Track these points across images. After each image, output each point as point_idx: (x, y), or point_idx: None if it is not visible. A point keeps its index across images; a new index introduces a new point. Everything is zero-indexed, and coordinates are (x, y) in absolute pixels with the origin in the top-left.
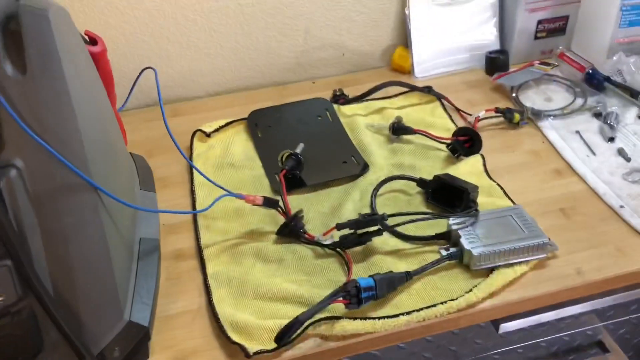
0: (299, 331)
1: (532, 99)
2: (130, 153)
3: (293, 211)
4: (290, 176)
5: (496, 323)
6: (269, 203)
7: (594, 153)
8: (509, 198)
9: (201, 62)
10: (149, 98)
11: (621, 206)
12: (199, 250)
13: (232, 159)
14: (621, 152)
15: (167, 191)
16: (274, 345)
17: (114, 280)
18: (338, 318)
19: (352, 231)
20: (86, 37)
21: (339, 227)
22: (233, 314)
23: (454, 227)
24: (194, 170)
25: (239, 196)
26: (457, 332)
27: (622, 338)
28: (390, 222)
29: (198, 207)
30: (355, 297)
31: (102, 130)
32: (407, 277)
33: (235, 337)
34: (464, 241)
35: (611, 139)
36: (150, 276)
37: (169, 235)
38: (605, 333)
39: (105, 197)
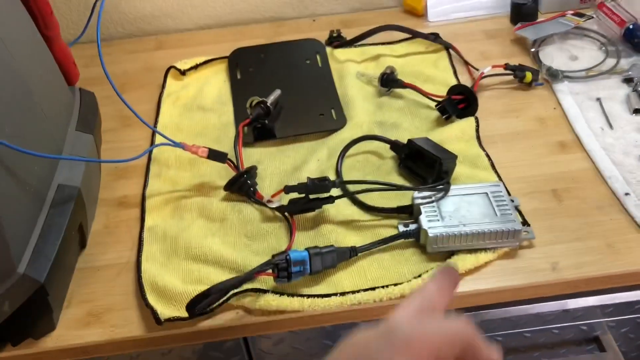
0: (220, 301)
1: (553, 56)
2: (79, 89)
3: (248, 166)
4: (260, 126)
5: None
6: (215, 156)
7: (611, 126)
8: (495, 171)
9: None
10: (136, 28)
11: (627, 193)
12: (144, 199)
13: (202, 102)
14: None
15: (128, 131)
16: None
17: (3, 232)
18: (264, 291)
19: (302, 195)
20: None
21: (287, 190)
22: (157, 274)
23: (418, 201)
24: (160, 109)
25: (179, 145)
26: None
27: (625, 337)
28: (349, 189)
29: (155, 151)
30: (285, 270)
31: (5, 65)
32: (352, 253)
33: (152, 300)
34: (422, 219)
35: (637, 111)
36: (58, 227)
37: (119, 180)
38: (605, 330)
39: None
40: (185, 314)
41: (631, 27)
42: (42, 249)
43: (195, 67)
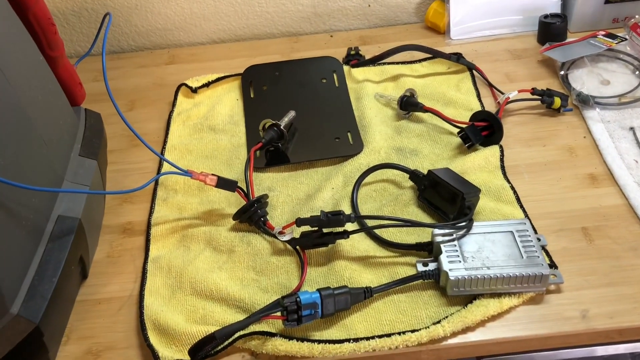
0: (225, 343)
1: (584, 80)
2: (85, 110)
3: (259, 193)
4: (272, 149)
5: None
6: (224, 184)
7: None
8: (521, 206)
9: (204, 5)
10: (147, 41)
11: None
12: (149, 226)
13: (214, 122)
14: None
15: (136, 151)
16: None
17: None
18: (272, 335)
19: (315, 228)
20: None
21: (299, 223)
22: (160, 310)
23: (438, 239)
24: (170, 129)
25: (186, 174)
26: None
27: None
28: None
29: None
30: (294, 313)
31: (2, 94)
32: (366, 294)
33: (153, 339)
34: (443, 259)
35: None
36: (57, 262)
37: (123, 204)
38: None
39: None
40: (187, 357)
41: None
42: (38, 286)
43: (207, 85)
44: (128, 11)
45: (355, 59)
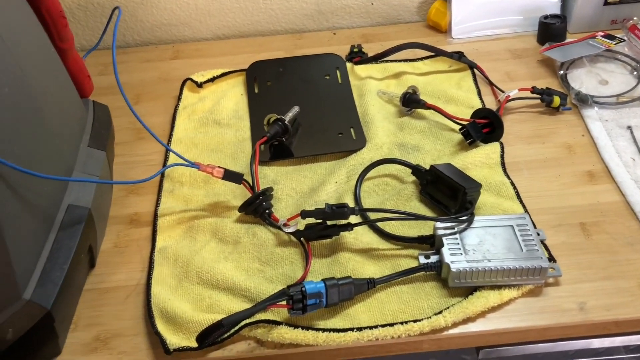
0: (231, 331)
1: (582, 79)
2: (93, 102)
3: (264, 186)
4: (277, 143)
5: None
6: (230, 177)
7: None
8: (521, 201)
9: (208, 1)
10: (153, 36)
11: None
12: (156, 217)
13: (219, 116)
14: None
15: (142, 143)
16: None
17: (8, 256)
18: (278, 323)
19: (320, 221)
20: None
21: (304, 215)
22: (167, 298)
23: (440, 232)
24: (175, 123)
25: (193, 165)
26: None
27: None
28: (368, 216)
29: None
30: (299, 302)
31: (12, 82)
32: (369, 285)
33: (161, 327)
34: (445, 252)
35: None
36: (67, 250)
37: (130, 196)
38: None
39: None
40: (194, 344)
41: None
42: (50, 273)
43: (212, 80)
44: (134, 6)
45: (358, 56)
